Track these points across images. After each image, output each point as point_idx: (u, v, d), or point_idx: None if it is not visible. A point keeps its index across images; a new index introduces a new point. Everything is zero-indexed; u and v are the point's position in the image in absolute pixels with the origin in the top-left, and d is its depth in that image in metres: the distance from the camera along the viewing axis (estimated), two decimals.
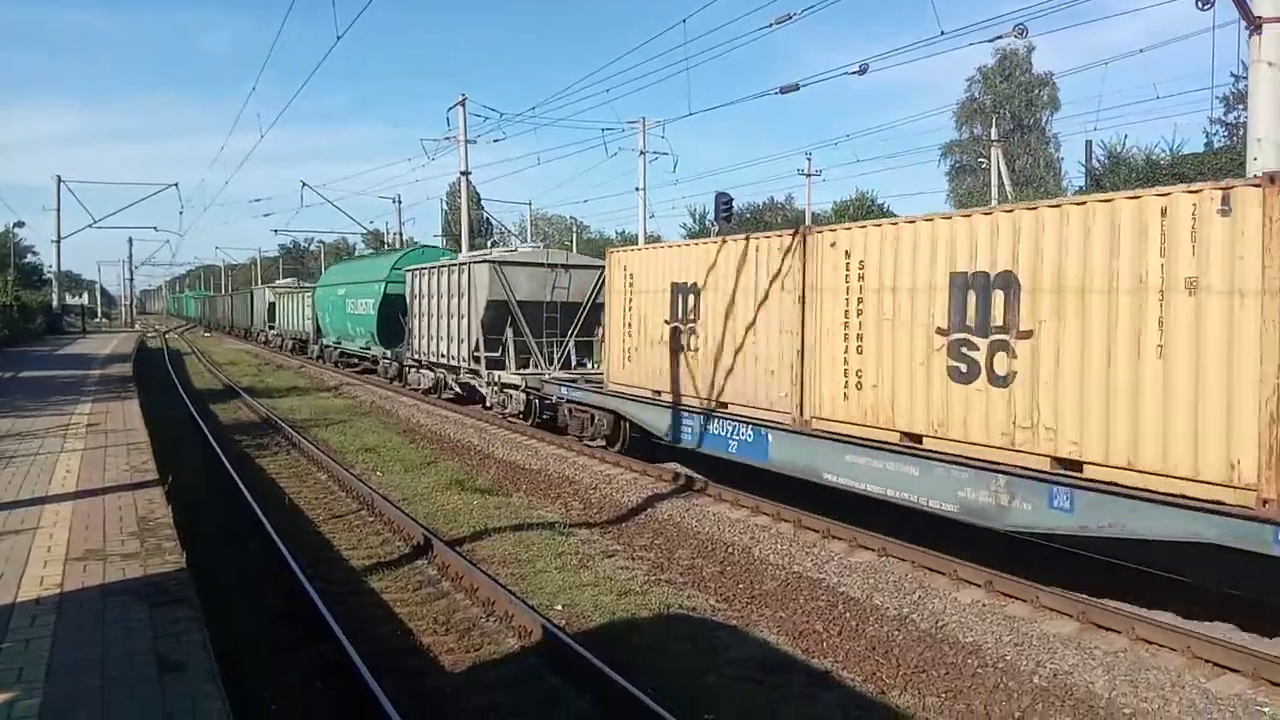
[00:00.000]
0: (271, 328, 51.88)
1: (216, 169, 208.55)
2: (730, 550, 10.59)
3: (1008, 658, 7.44)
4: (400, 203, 48.00)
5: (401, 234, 50.93)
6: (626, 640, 7.66)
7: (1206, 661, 7.13)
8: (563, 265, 21.25)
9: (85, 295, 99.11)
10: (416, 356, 26.21)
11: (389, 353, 30.04)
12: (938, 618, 8.35)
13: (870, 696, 6.72)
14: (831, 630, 8.08)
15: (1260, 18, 11.37)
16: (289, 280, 66.52)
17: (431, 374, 25.24)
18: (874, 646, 7.70)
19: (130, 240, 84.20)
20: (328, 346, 38.43)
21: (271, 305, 52.57)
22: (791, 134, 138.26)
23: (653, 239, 39.81)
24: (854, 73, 21.31)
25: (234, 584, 8.93)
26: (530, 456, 16.66)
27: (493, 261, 21.19)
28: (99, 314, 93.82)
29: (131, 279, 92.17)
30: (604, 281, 16.33)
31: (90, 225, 57.66)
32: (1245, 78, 12.13)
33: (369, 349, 32.12)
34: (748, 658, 7.38)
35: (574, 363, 20.38)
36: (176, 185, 45.48)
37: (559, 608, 8.47)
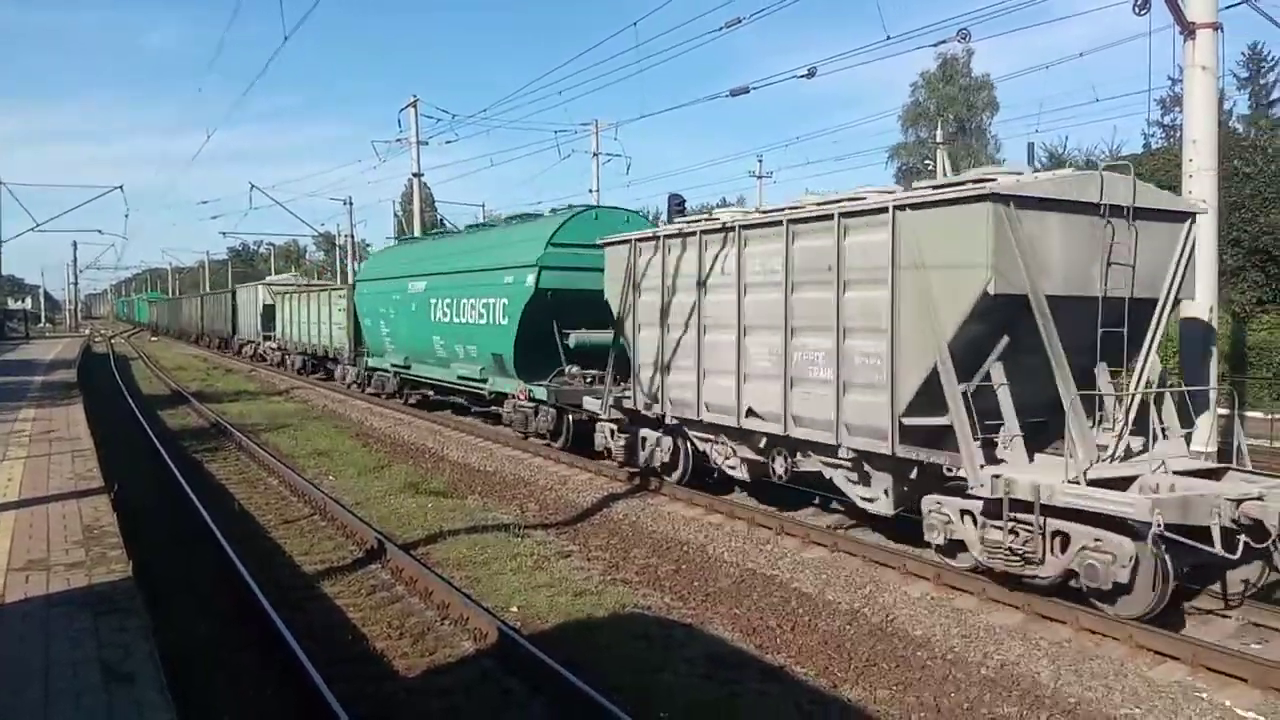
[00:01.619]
0: (268, 337, 40.40)
1: (162, 171, 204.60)
2: (685, 549, 10.64)
3: (956, 649, 7.59)
4: (352, 204, 47.22)
5: (354, 236, 50.33)
6: (582, 640, 7.68)
7: (1148, 650, 7.32)
8: None
9: (28, 300, 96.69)
10: (656, 409, 13.01)
11: (536, 392, 16.52)
12: (888, 611, 8.48)
13: (823, 691, 6.81)
14: (785, 626, 8.17)
15: (1194, 23, 11.72)
16: (285, 276, 55.72)
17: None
18: (827, 641, 7.80)
19: (75, 244, 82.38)
20: (381, 371, 25.19)
21: (268, 308, 40.50)
22: (743, 136, 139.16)
23: None
24: (803, 76, 21.59)
25: (183, 592, 8.79)
26: (485, 458, 16.59)
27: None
28: (43, 319, 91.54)
29: (76, 283, 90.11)
30: None
31: (33, 228, 56.18)
32: (1181, 81, 12.45)
33: (485, 380, 18.63)
34: (703, 655, 7.43)
35: None
36: (121, 188, 44.36)
37: (514, 609, 8.46)
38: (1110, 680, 6.90)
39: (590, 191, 37.21)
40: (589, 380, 15.93)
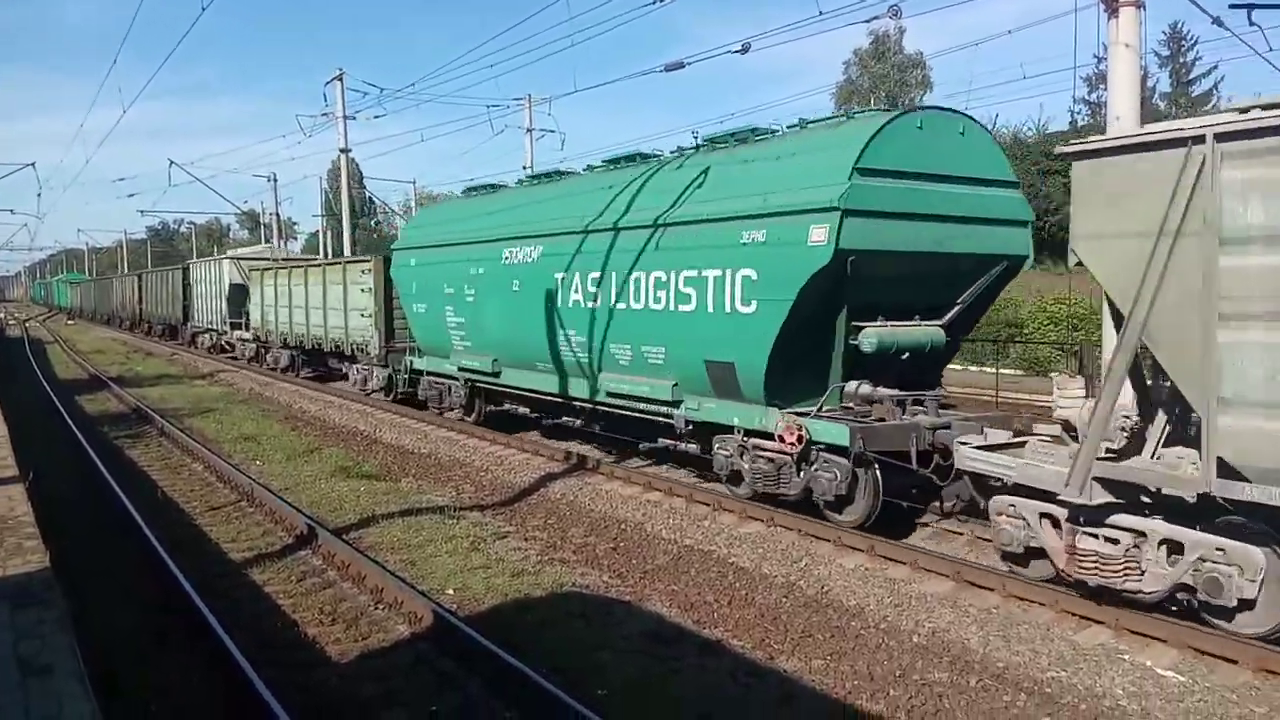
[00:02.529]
0: (235, 325, 32.02)
1: (76, 147, 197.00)
2: (623, 527, 10.64)
3: (889, 618, 7.72)
4: (276, 181, 45.96)
5: (279, 215, 49.09)
6: (520, 620, 7.62)
7: (1073, 615, 7.54)
8: None
9: None
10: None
11: (819, 431, 9.75)
12: (823, 583, 8.59)
13: (759, 662, 6.87)
14: (722, 600, 8.22)
15: (1117, 1, 11.97)
16: (256, 249, 44.38)
17: None
18: (763, 614, 7.87)
19: None
20: (438, 377, 17.75)
21: (238, 289, 31.99)
22: (679, 111, 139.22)
23: None
24: (737, 51, 21.55)
25: (105, 582, 8.51)
26: (419, 440, 16.37)
27: None
28: None
29: None
30: None
31: None
32: (1105, 59, 12.72)
33: (676, 404, 11.66)
34: (641, 631, 7.44)
35: None
36: (34, 165, 42.54)
37: (450, 592, 8.37)
38: (1037, 644, 7.09)
39: (524, 168, 36.83)
40: (900, 406, 10.03)
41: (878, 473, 9.68)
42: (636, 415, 12.47)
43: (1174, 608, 7.17)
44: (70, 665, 5.02)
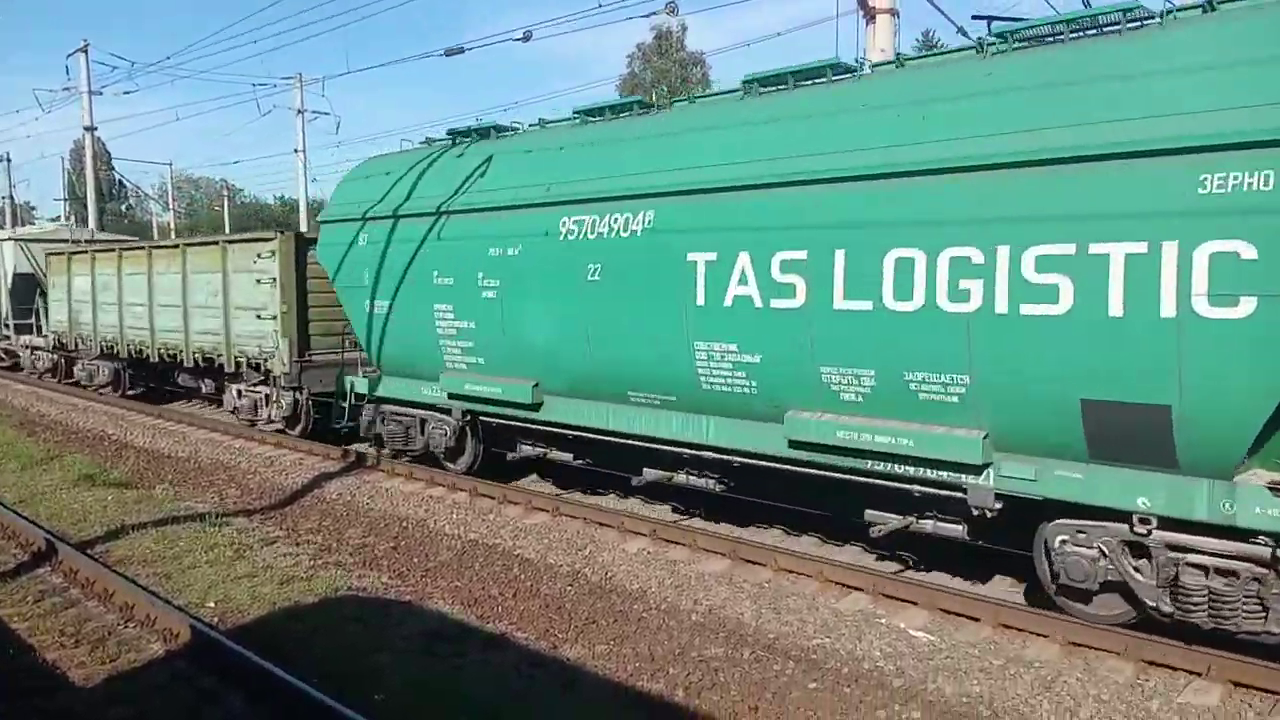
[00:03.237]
0: (24, 329, 24.18)
1: None
2: (405, 525, 10.32)
3: (669, 599, 7.91)
4: (10, 161, 41.31)
5: (13, 198, 44.18)
6: (289, 629, 7.22)
7: (837, 584, 8.01)
8: None
9: None
10: None
11: None
12: (607, 569, 8.69)
13: (543, 653, 6.85)
14: (507, 594, 8.13)
15: (874, 8, 12.81)
16: (52, 227, 29.76)
17: None
18: (548, 604, 7.86)
19: None
20: (408, 410, 12.26)
21: (23, 280, 24.17)
22: (461, 98, 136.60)
23: (316, 205, 37.65)
24: (519, 39, 21.41)
25: None
26: (177, 443, 15.20)
27: None
28: None
29: None
30: None
31: None
32: (865, 63, 13.58)
33: (982, 468, 7.11)
34: (422, 631, 7.23)
35: None
36: None
37: (211, 604, 7.80)
38: (804, 614, 7.48)
39: (295, 151, 34.98)
40: None
41: None
42: (862, 479, 7.86)
43: None
44: None
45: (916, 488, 7.54)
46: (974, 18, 13.80)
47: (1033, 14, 9.99)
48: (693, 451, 9.10)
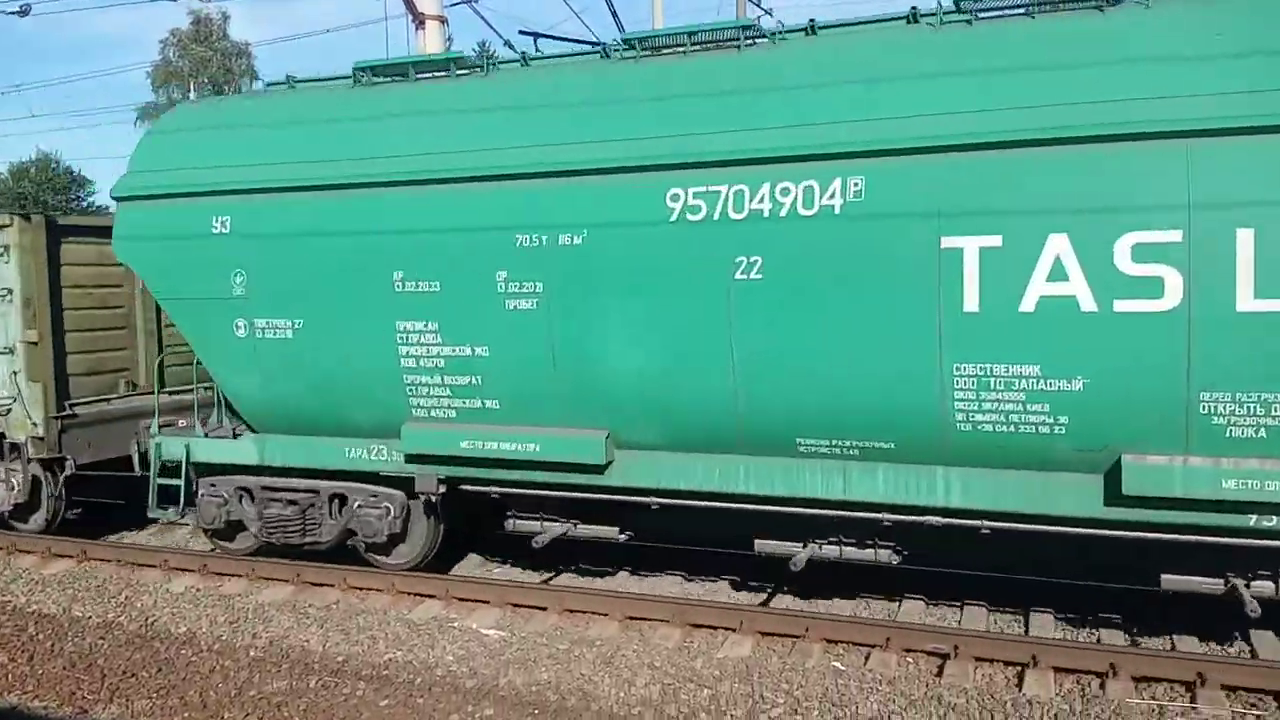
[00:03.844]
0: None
1: None
2: None
3: (223, 637, 7.23)
4: None
5: None
6: None
7: (408, 594, 7.87)
8: None
9: None
10: None
11: None
12: (148, 615, 7.74)
13: (70, 719, 5.93)
14: (20, 658, 6.96)
15: (423, 14, 12.83)
16: None
17: None
18: (74, 663, 6.83)
19: None
20: (305, 484, 8.24)
21: None
22: None
23: None
24: (15, 13, 18.57)
25: None
26: None
27: None
28: None
29: None
30: None
31: None
32: None
33: None
34: None
35: None
36: None
37: None
38: (375, 630, 7.25)
39: None
40: None
41: None
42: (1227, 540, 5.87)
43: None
44: None
45: None
46: (521, 33, 14.48)
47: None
48: (845, 513, 6.67)
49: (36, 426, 9.36)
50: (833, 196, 6.03)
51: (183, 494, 8.49)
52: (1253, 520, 5.68)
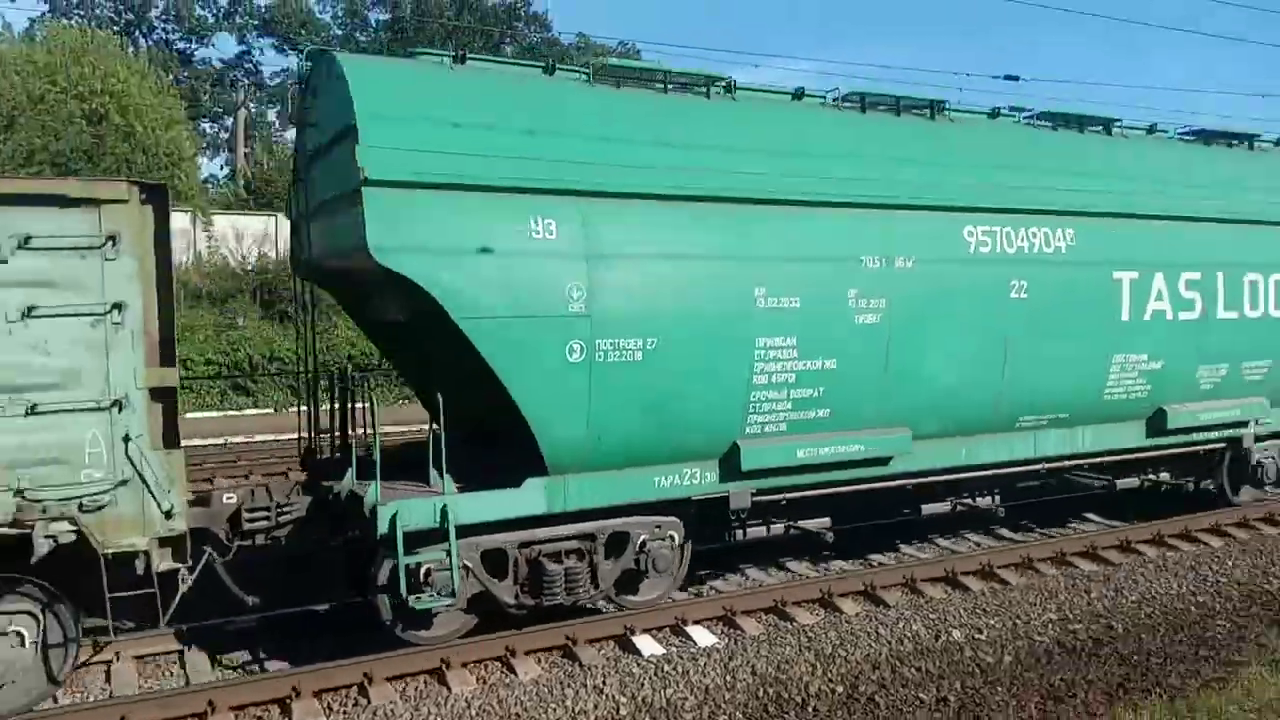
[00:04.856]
0: None
1: None
2: None
3: None
4: None
5: None
6: None
7: None
8: None
9: None
10: None
11: None
12: None
13: None
14: None
15: None
16: None
17: None
18: None
19: None
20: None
21: None
22: None
23: None
24: None
25: None
26: None
27: None
28: None
29: None
30: None
31: None
32: None
33: None
34: None
35: None
36: None
37: None
38: None
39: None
40: None
41: None
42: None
43: None
44: None
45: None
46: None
47: None
48: (1016, 470, 9.16)
49: (171, 519, 6.07)
50: (1059, 240, 8.77)
51: (454, 572, 6.54)
52: (1214, 434, 10.29)
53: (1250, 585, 8.76)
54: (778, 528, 8.11)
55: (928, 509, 8.81)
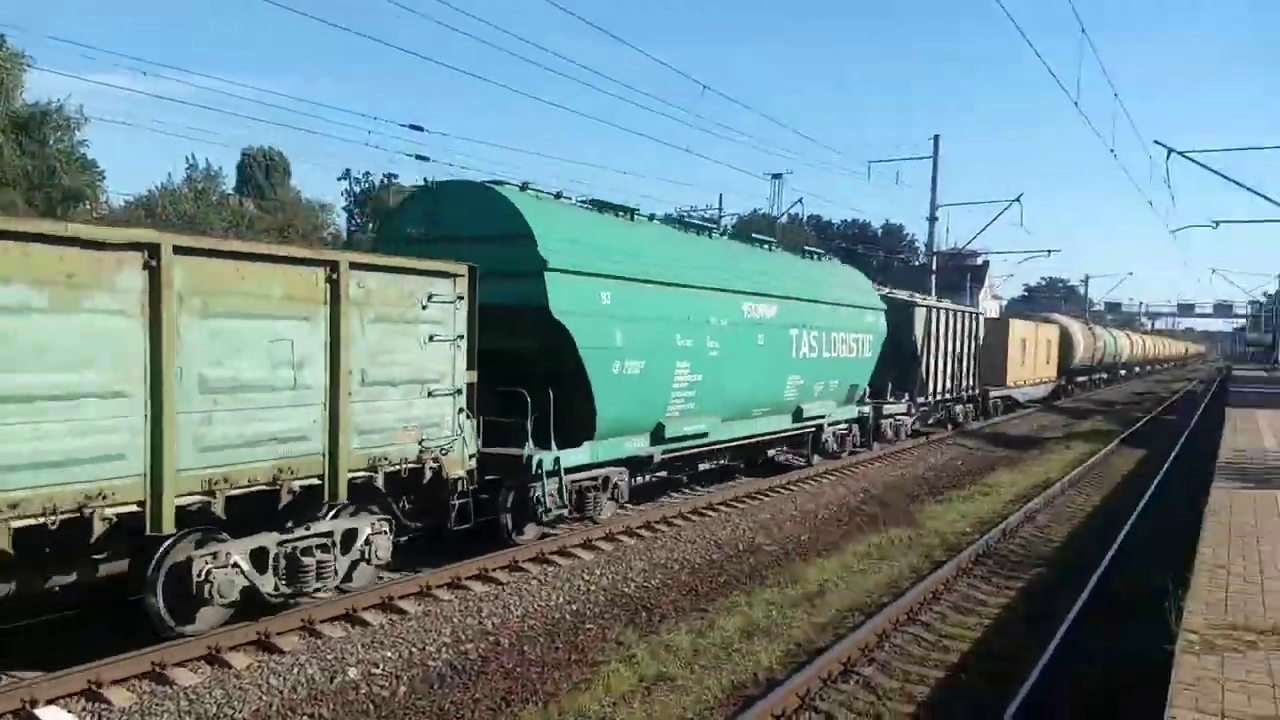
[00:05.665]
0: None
1: None
2: None
3: None
4: None
5: None
6: None
7: None
8: None
9: None
10: None
11: None
12: None
13: None
14: None
15: None
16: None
17: None
18: None
19: None
20: (593, 471, 13.08)
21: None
22: None
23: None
24: None
25: None
26: None
27: None
28: None
29: None
30: None
31: None
32: None
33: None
34: None
35: None
36: None
37: None
38: None
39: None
40: None
41: None
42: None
43: None
44: None
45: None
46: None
47: None
48: (726, 443, 15.44)
49: (472, 459, 10.31)
50: (771, 310, 15.75)
51: (563, 493, 11.53)
52: (815, 421, 18.49)
53: (613, 590, 10.03)
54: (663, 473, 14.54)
55: (704, 466, 15.83)
